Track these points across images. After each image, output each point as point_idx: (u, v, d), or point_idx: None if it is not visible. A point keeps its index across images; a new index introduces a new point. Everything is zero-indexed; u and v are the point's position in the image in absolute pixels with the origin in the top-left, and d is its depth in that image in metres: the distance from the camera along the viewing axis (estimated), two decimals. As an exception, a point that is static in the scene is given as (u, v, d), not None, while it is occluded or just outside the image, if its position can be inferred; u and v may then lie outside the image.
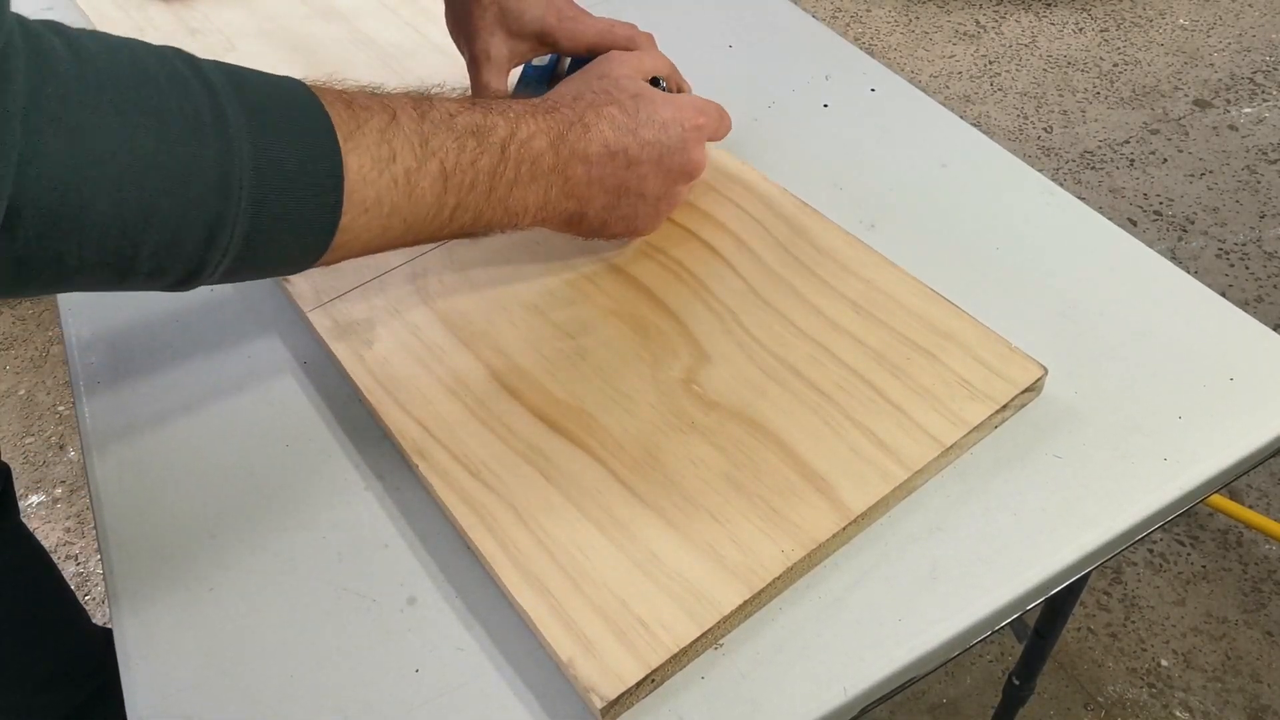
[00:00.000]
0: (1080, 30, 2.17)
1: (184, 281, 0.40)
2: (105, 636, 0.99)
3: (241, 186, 0.38)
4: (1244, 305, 1.52)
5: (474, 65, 0.64)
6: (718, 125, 0.57)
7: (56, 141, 0.33)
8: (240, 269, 0.41)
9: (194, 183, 0.36)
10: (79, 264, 0.36)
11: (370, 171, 0.42)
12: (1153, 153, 1.86)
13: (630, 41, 0.64)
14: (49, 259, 0.35)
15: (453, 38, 0.66)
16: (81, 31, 0.36)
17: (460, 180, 0.45)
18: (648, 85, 0.55)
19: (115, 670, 0.45)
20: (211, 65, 0.39)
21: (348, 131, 0.41)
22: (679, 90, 0.61)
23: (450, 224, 0.47)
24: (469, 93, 0.65)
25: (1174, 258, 1.54)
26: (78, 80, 0.34)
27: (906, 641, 0.43)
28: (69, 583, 1.00)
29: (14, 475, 1.37)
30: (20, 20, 0.33)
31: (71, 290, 0.38)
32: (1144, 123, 1.93)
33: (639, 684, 0.41)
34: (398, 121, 0.44)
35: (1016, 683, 0.89)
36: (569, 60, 0.72)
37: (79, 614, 0.98)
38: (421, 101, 0.46)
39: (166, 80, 0.37)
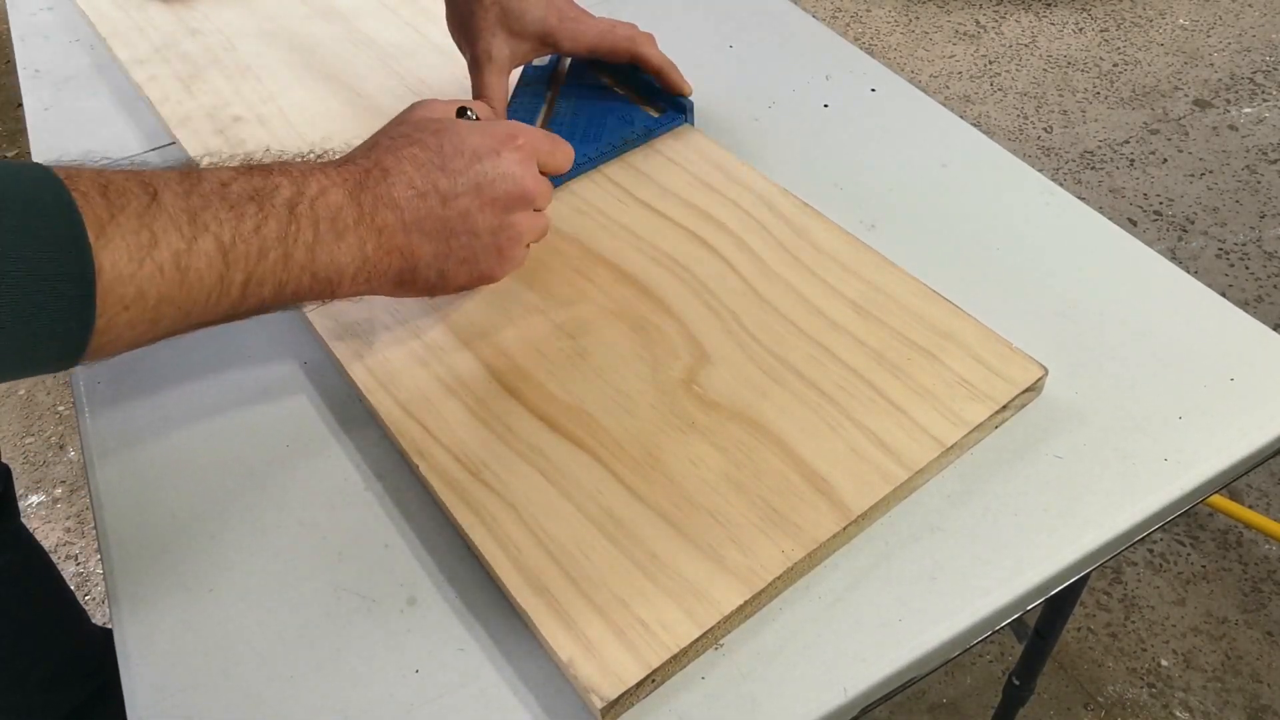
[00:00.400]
0: (1080, 30, 2.17)
1: None
2: (105, 636, 0.99)
3: None
4: (1244, 305, 1.52)
5: (475, 66, 0.64)
6: (550, 148, 0.53)
7: None
8: None
9: None
10: None
11: (127, 265, 0.38)
12: (1153, 153, 1.86)
13: (630, 42, 0.64)
14: None
15: (454, 38, 0.66)
16: None
17: (244, 251, 0.41)
18: (452, 119, 0.51)
19: (115, 670, 0.45)
20: None
21: (101, 223, 0.37)
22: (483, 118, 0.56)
23: (245, 300, 0.43)
24: (469, 93, 0.65)
25: (1174, 258, 1.54)
26: None
27: (907, 641, 0.43)
28: (69, 583, 1.00)
29: (14, 475, 1.37)
30: None
31: None
32: (1144, 123, 1.93)
33: (639, 684, 0.41)
34: (159, 201, 0.40)
35: (1016, 683, 0.89)
36: (569, 61, 0.72)
37: (79, 614, 0.98)
38: (189, 176, 0.42)
39: None
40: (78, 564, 1.37)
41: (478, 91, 0.64)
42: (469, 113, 0.53)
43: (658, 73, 0.67)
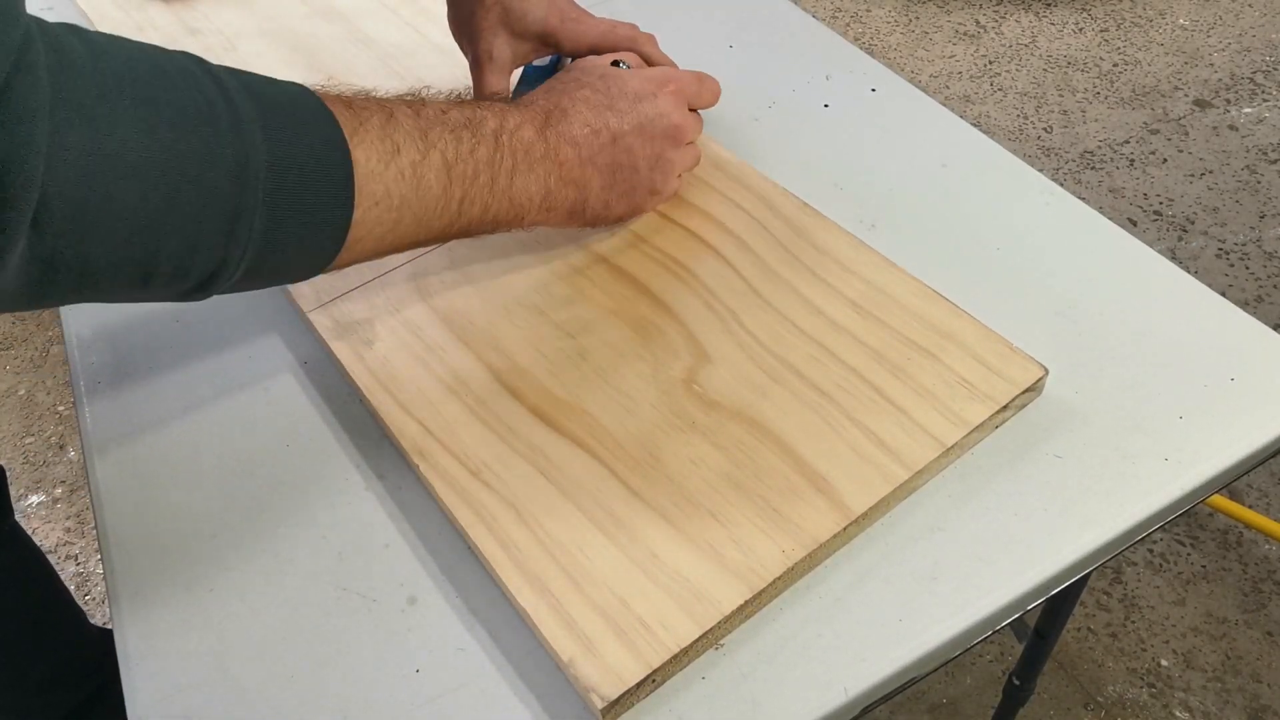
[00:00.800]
0: (1080, 30, 2.17)
1: (204, 285, 0.40)
2: (104, 637, 0.99)
3: (258, 177, 0.38)
4: (1244, 305, 1.52)
5: (476, 66, 0.64)
6: (697, 88, 0.59)
7: (82, 133, 0.33)
8: (260, 268, 0.41)
9: (212, 172, 0.37)
10: (104, 264, 0.36)
11: (377, 165, 0.43)
12: (1153, 153, 1.86)
13: (631, 42, 0.64)
14: (76, 257, 0.35)
15: (455, 38, 0.66)
16: (96, 33, 0.37)
17: (463, 171, 0.46)
18: (611, 67, 0.57)
19: (115, 670, 0.45)
20: (220, 67, 0.40)
21: (352, 128, 0.42)
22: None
23: (459, 218, 0.48)
24: (469, 95, 0.65)
25: (1174, 258, 1.54)
26: (97, 75, 0.35)
27: (907, 641, 0.43)
28: (69, 583, 1.00)
29: (14, 475, 1.37)
30: (38, 21, 0.34)
31: (93, 298, 0.38)
32: (1144, 123, 1.93)
33: (639, 684, 0.41)
34: (395, 118, 0.45)
35: (1016, 683, 0.89)
36: (570, 61, 0.72)
37: (77, 615, 0.98)
38: (414, 101, 0.48)
39: (180, 77, 0.38)
40: (78, 564, 1.37)
41: (479, 91, 0.64)
42: (622, 64, 0.59)
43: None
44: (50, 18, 0.89)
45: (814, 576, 0.45)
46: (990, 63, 2.10)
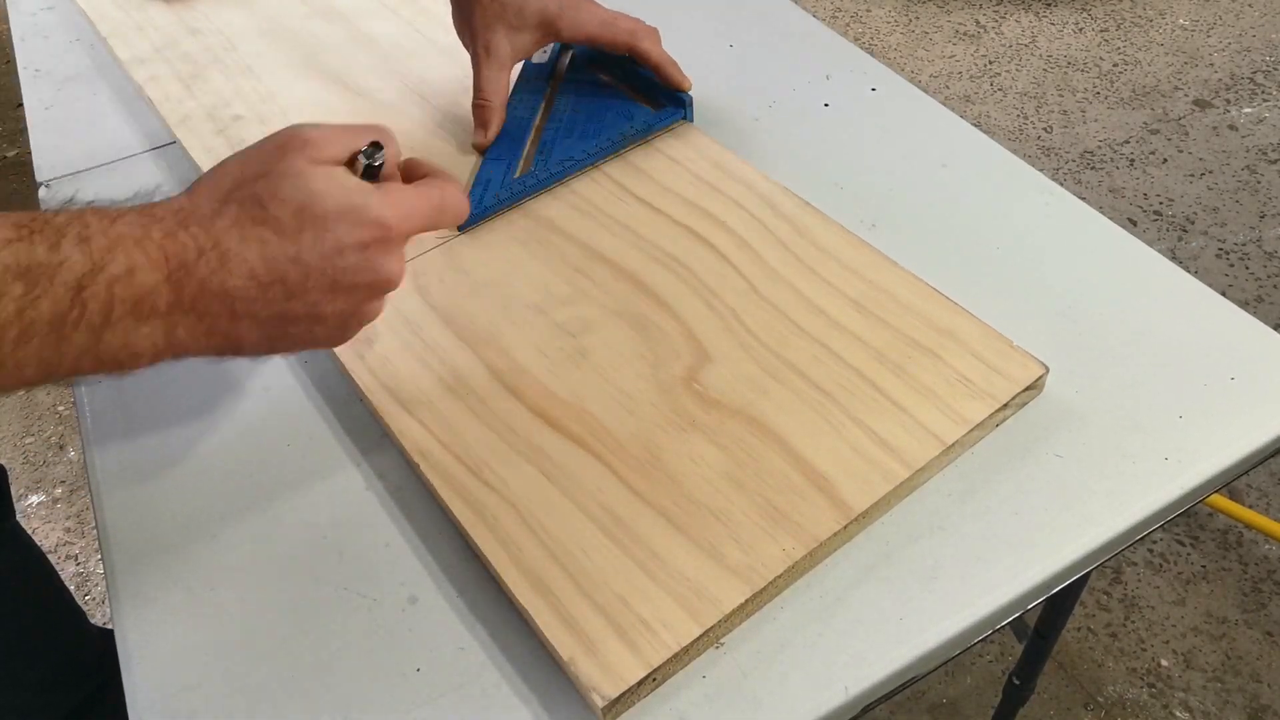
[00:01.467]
0: (1080, 30, 2.17)
1: None
2: (103, 636, 0.99)
3: None
4: (1244, 305, 1.52)
5: (476, 61, 0.64)
6: (435, 218, 0.46)
7: None
8: None
9: None
10: None
11: None
12: (1153, 153, 1.86)
13: (632, 35, 0.64)
14: None
15: (459, 36, 0.66)
16: None
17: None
18: (326, 183, 0.41)
19: (115, 670, 0.45)
20: None
21: None
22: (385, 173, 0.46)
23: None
24: (470, 93, 0.65)
25: (1174, 257, 1.54)
26: None
27: (907, 640, 0.43)
28: (69, 583, 1.00)
29: (14, 475, 1.36)
30: None
31: None
32: (1144, 123, 1.93)
33: (640, 683, 0.41)
34: None
35: (1017, 682, 0.89)
36: (569, 57, 0.72)
37: (77, 614, 0.98)
38: None
39: None
40: (78, 564, 1.37)
41: (479, 86, 0.64)
42: (371, 159, 0.44)
43: (657, 68, 0.66)
44: (51, 18, 0.89)
45: (814, 575, 0.45)
46: (990, 63, 2.10)
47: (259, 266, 0.40)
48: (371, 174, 0.44)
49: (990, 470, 0.49)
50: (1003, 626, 0.46)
